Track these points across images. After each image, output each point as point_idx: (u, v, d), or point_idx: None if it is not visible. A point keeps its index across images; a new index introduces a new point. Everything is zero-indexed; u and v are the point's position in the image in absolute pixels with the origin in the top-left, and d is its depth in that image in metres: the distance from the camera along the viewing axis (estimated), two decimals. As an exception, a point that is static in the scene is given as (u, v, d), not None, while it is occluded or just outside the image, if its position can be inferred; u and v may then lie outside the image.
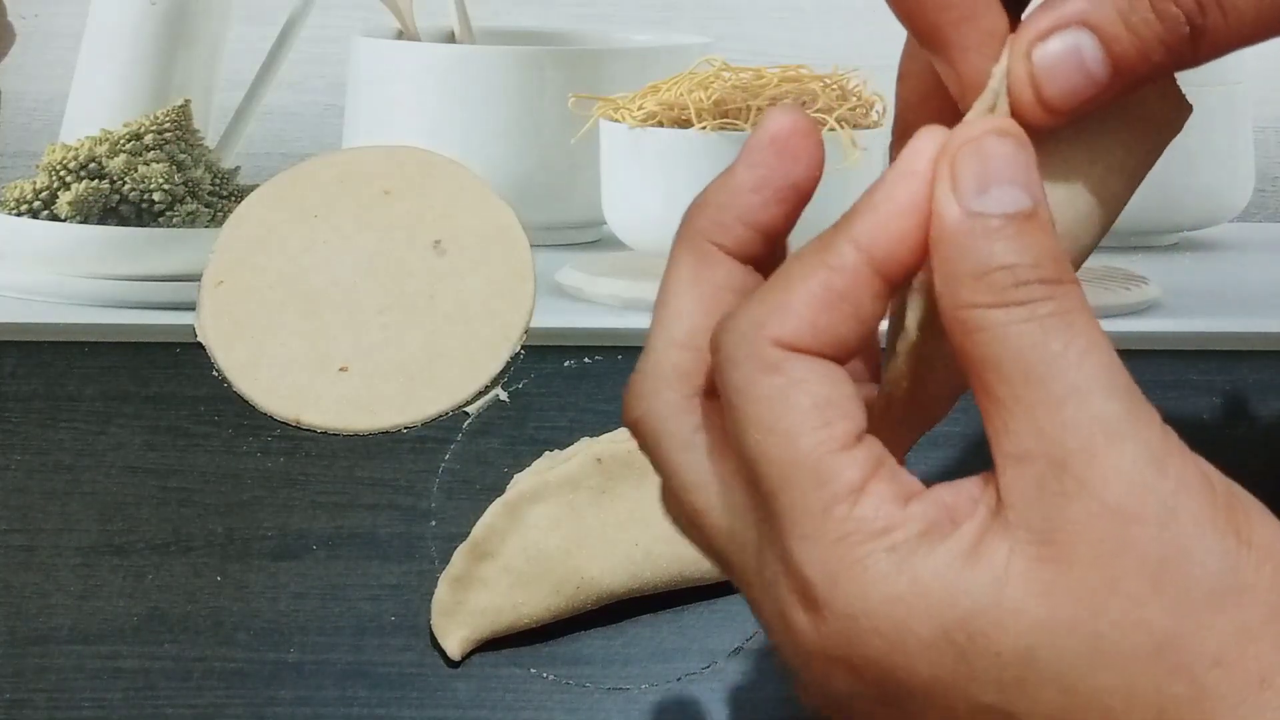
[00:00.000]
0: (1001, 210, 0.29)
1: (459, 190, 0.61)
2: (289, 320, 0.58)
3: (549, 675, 0.49)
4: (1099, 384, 0.28)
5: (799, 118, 0.32)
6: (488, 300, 0.59)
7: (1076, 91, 0.30)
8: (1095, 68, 0.30)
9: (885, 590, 0.28)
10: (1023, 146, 0.29)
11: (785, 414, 0.28)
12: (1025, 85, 0.30)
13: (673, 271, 0.32)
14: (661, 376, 0.31)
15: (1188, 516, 0.27)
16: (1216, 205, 0.64)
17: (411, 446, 0.55)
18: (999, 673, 0.27)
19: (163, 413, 0.56)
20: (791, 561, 0.28)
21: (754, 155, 0.32)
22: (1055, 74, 0.30)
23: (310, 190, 0.62)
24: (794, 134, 0.32)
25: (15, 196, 0.63)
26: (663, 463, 0.31)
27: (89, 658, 0.49)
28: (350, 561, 0.52)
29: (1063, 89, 0.30)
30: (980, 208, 0.29)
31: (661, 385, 0.31)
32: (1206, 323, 0.59)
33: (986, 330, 0.28)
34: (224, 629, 0.50)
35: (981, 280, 0.28)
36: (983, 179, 0.29)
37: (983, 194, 0.29)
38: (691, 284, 0.31)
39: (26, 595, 0.51)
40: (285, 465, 0.55)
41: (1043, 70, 0.30)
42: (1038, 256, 0.28)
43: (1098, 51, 0.30)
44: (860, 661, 0.28)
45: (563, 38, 0.70)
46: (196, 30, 0.68)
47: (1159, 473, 0.28)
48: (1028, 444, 0.28)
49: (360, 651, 0.50)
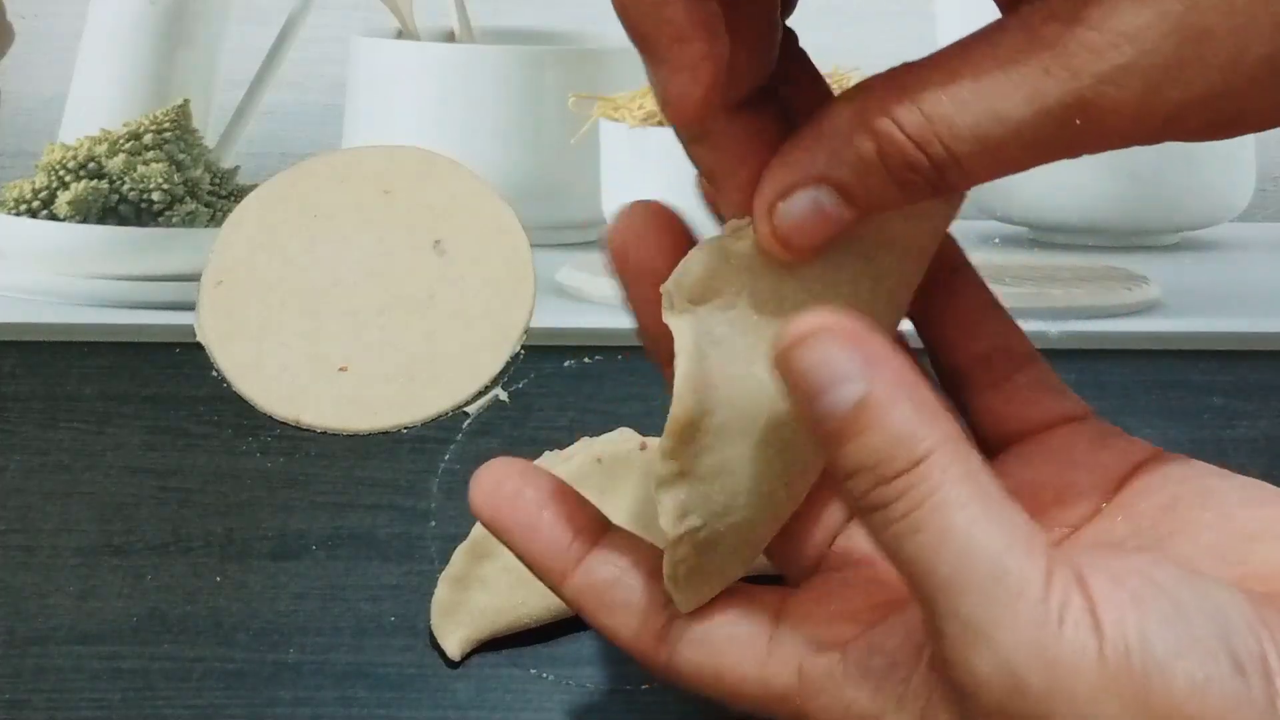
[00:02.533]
0: (837, 414, 0.28)
1: (459, 190, 0.61)
2: (289, 320, 0.58)
3: (549, 675, 0.49)
4: (961, 578, 0.28)
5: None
6: (488, 300, 0.59)
7: (822, 234, 0.30)
8: (836, 212, 0.30)
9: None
10: (834, 335, 0.29)
11: None
12: (771, 241, 0.30)
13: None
14: None
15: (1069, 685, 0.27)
16: (1217, 205, 0.64)
17: (411, 446, 0.55)
18: None
19: (162, 413, 0.56)
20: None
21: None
22: (798, 227, 0.30)
23: (310, 190, 0.61)
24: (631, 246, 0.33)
25: (14, 196, 0.63)
26: None
27: (88, 658, 0.49)
28: (350, 562, 0.52)
29: (809, 237, 0.30)
30: (824, 415, 0.29)
31: None
32: (1207, 323, 0.59)
33: (873, 532, 0.29)
34: (223, 629, 0.50)
35: (850, 488, 0.29)
36: (813, 386, 0.29)
37: (818, 402, 0.29)
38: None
39: (25, 595, 0.51)
40: (285, 465, 0.55)
41: (784, 226, 0.30)
42: (879, 451, 0.28)
43: (838, 203, 0.30)
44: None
45: (563, 38, 0.70)
46: (196, 30, 0.68)
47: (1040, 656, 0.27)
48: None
49: (360, 652, 0.49)
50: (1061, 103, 0.27)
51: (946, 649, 0.28)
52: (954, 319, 0.36)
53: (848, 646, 0.31)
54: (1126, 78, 0.27)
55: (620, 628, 0.33)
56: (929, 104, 0.28)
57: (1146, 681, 0.26)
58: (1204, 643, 0.27)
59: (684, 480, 0.31)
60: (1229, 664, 0.26)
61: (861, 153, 0.29)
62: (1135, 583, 0.28)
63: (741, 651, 0.32)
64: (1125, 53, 0.27)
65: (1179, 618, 0.27)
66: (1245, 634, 0.27)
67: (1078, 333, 0.58)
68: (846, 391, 0.28)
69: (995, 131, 0.28)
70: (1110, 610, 0.27)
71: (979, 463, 0.29)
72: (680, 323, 0.30)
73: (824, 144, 0.29)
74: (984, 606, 0.27)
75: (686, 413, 0.30)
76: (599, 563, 0.33)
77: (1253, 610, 0.28)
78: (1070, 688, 0.26)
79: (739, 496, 0.31)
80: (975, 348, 0.36)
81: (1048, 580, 0.27)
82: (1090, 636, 0.27)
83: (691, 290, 0.30)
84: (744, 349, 0.30)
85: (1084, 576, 0.28)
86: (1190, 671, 0.26)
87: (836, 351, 0.28)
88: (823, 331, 0.29)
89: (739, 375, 0.30)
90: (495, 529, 0.34)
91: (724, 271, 0.30)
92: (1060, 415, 0.35)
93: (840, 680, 0.30)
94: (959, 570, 0.27)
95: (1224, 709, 0.26)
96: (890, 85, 0.29)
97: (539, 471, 0.35)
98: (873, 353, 0.29)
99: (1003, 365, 0.35)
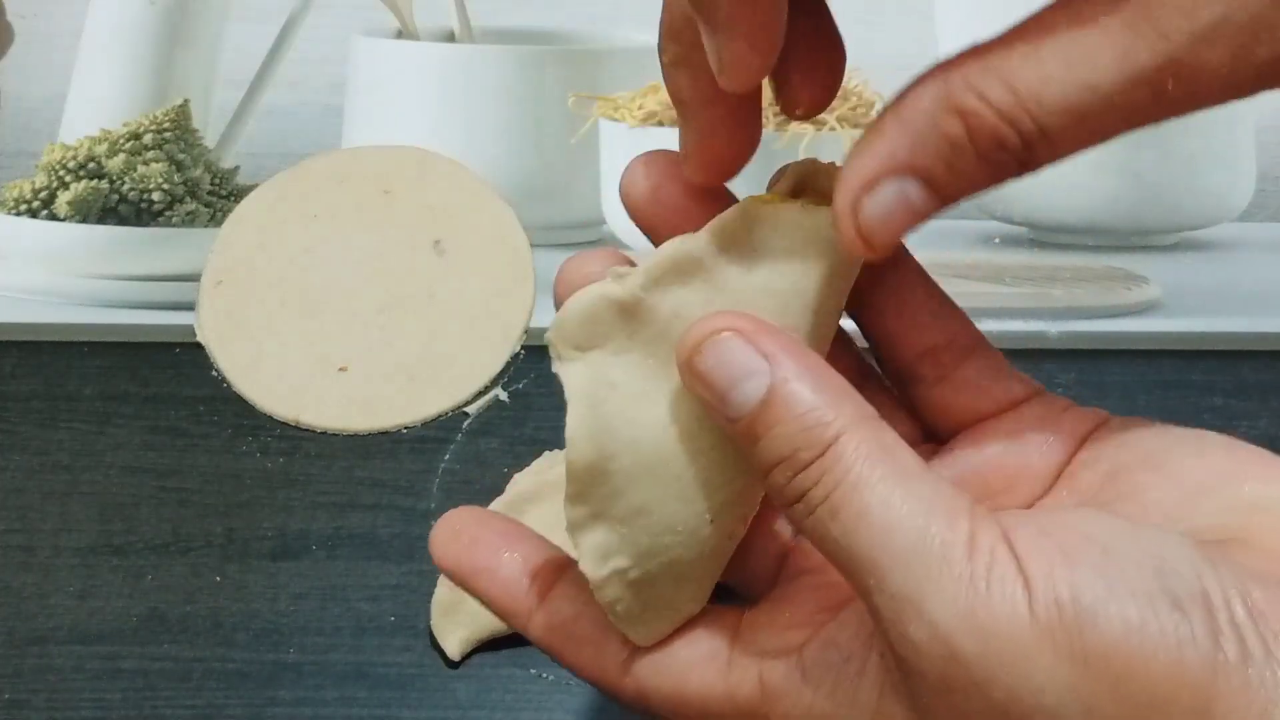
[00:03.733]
0: (746, 410, 0.29)
1: (459, 190, 0.61)
2: (289, 320, 0.58)
3: (549, 675, 0.49)
4: (886, 553, 0.28)
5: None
6: (488, 300, 0.58)
7: (906, 227, 0.29)
8: (922, 204, 0.29)
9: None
10: (731, 334, 0.29)
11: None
12: (855, 240, 0.29)
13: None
14: None
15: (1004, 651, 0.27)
16: (1217, 205, 0.64)
17: (411, 446, 0.55)
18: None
19: (162, 413, 0.56)
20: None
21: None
22: (884, 223, 0.29)
23: (310, 190, 0.61)
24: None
25: (14, 196, 0.63)
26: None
27: (88, 658, 0.49)
28: (350, 562, 0.52)
29: (894, 233, 0.29)
30: (734, 413, 0.29)
31: None
32: (1207, 323, 0.59)
33: (798, 524, 0.29)
34: (223, 629, 0.50)
35: (771, 484, 0.29)
36: (718, 387, 0.29)
37: (726, 401, 0.29)
38: None
39: (25, 595, 0.51)
40: (285, 465, 0.55)
41: (870, 222, 0.29)
42: (792, 439, 0.28)
43: (924, 193, 0.29)
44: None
45: (563, 38, 0.70)
46: (195, 30, 0.68)
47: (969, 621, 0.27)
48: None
49: (360, 652, 0.49)
50: (1154, 64, 0.26)
51: (884, 627, 0.28)
52: (896, 313, 0.35)
53: (803, 648, 0.31)
54: (1218, 35, 0.26)
55: (586, 663, 0.33)
56: (1016, 78, 0.27)
57: (1080, 632, 0.26)
58: (1139, 586, 0.26)
59: (599, 522, 0.31)
60: (1167, 604, 0.26)
61: (950, 135, 0.28)
62: (1063, 535, 0.27)
63: (703, 671, 0.32)
64: (1215, 9, 0.26)
65: (1110, 565, 0.26)
66: (1184, 573, 0.26)
67: (1078, 333, 0.58)
68: (750, 387, 0.28)
69: (1085, 100, 0.27)
70: (1038, 566, 0.27)
71: (893, 438, 0.29)
72: (569, 370, 0.30)
73: (907, 129, 0.28)
74: (910, 579, 0.27)
75: (582, 458, 0.30)
76: (560, 600, 0.33)
77: (1193, 549, 0.27)
78: (1003, 649, 0.26)
79: (663, 536, 0.31)
80: (920, 341, 0.35)
81: (971, 544, 0.27)
82: (1019, 594, 0.26)
83: (574, 339, 0.30)
84: (643, 392, 0.30)
85: (1010, 535, 0.27)
86: (1125, 616, 0.26)
87: (735, 349, 0.29)
88: (720, 332, 0.29)
89: (641, 418, 0.30)
90: (456, 577, 0.34)
91: (607, 317, 0.30)
92: (1010, 400, 0.34)
93: (799, 682, 0.30)
94: (881, 546, 0.27)
95: (1163, 648, 0.26)
96: (973, 62, 0.28)
97: (495, 516, 0.35)
98: (772, 345, 0.29)
99: (951, 356, 0.34)
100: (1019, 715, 0.26)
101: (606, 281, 0.30)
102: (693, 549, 0.31)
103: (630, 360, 0.30)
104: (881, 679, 0.29)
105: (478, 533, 0.34)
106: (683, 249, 0.30)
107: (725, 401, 0.29)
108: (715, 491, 0.31)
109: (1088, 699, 0.26)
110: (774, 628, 0.32)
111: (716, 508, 0.31)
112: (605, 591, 0.31)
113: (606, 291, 0.30)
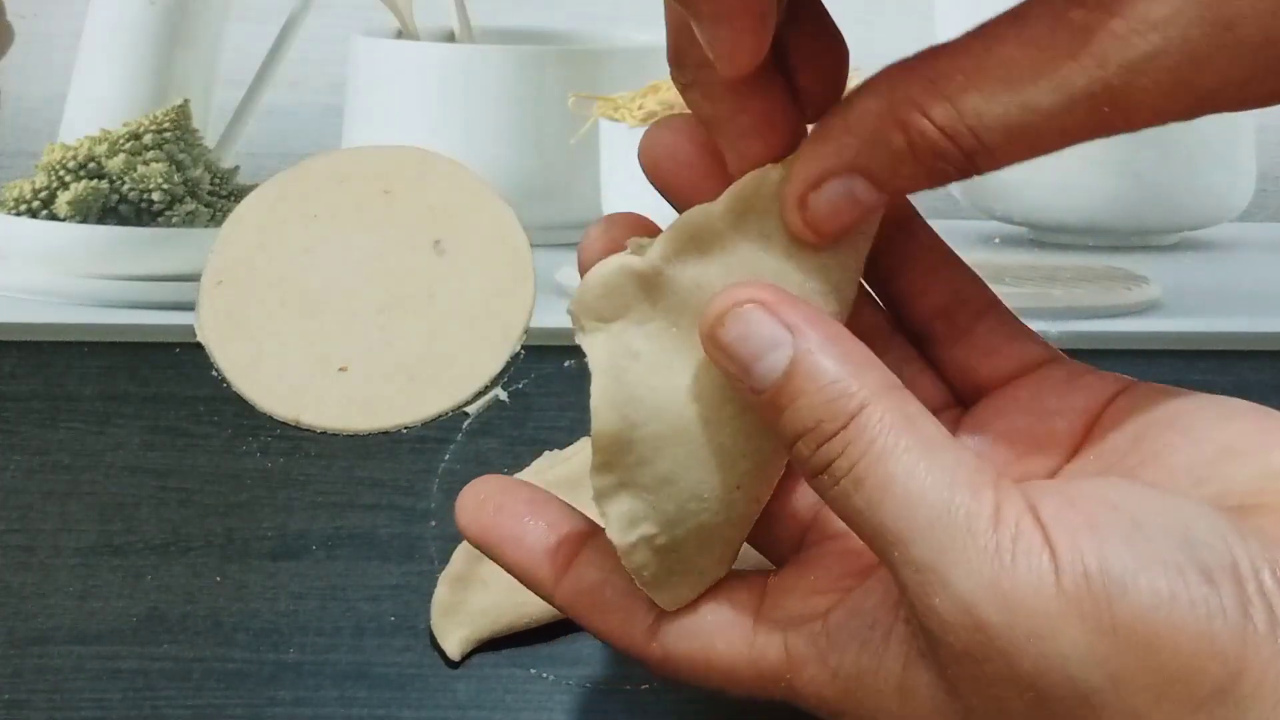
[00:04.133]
0: (770, 381, 0.29)
1: (459, 190, 0.61)
2: (289, 320, 0.58)
3: (549, 675, 0.49)
4: (911, 526, 0.28)
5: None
6: (488, 300, 0.59)
7: (853, 218, 0.30)
8: (868, 198, 0.30)
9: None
10: (754, 306, 0.29)
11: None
12: (802, 229, 0.30)
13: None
14: None
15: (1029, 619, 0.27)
16: (1217, 205, 0.64)
17: (411, 446, 0.55)
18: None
19: (162, 413, 0.56)
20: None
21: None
22: (830, 215, 0.30)
23: (310, 190, 0.61)
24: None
25: (14, 196, 0.63)
26: None
27: (88, 658, 0.49)
28: (350, 562, 0.52)
29: (840, 223, 0.30)
30: (758, 385, 0.29)
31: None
32: (1207, 323, 0.59)
33: (824, 495, 0.29)
34: (223, 629, 0.50)
35: (796, 455, 0.29)
36: (742, 360, 0.29)
37: (750, 373, 0.29)
38: None
39: (25, 595, 0.51)
40: (285, 465, 0.55)
41: (817, 215, 0.30)
42: (816, 410, 0.28)
43: (869, 189, 0.30)
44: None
45: (563, 38, 0.70)
46: (195, 30, 0.68)
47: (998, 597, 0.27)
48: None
49: (360, 651, 0.49)
50: (1088, 91, 0.27)
51: (910, 597, 0.28)
52: (908, 274, 0.35)
53: (828, 614, 0.31)
54: (1153, 66, 0.27)
55: (612, 629, 0.33)
56: (957, 96, 0.28)
57: (1109, 603, 0.26)
58: (1168, 557, 0.26)
59: (625, 490, 0.31)
60: (1197, 574, 0.26)
61: (892, 146, 0.29)
62: (1090, 506, 0.27)
63: (729, 637, 0.32)
64: (1152, 40, 0.27)
65: (1139, 535, 0.27)
66: (1213, 543, 0.27)
67: (1078, 333, 0.58)
68: (774, 359, 0.29)
69: (1024, 119, 0.28)
70: (1064, 536, 0.27)
71: (917, 408, 0.29)
72: (592, 341, 0.31)
73: (853, 136, 0.30)
74: (935, 550, 0.27)
75: (607, 428, 0.30)
76: (585, 567, 0.33)
77: (1222, 519, 0.27)
78: (1029, 619, 0.26)
79: (689, 503, 0.31)
80: (934, 301, 0.35)
81: (996, 515, 0.27)
82: (1045, 565, 0.26)
83: (596, 311, 0.31)
84: (666, 361, 0.31)
85: (1036, 507, 0.27)
86: (1155, 587, 0.26)
87: (758, 321, 0.29)
88: (741, 304, 0.29)
89: (664, 387, 0.30)
90: (482, 545, 0.34)
91: (628, 288, 0.30)
92: (1029, 361, 0.35)
93: (824, 648, 0.30)
94: (906, 518, 0.27)
95: (1193, 619, 0.26)
96: (917, 76, 0.29)
97: (520, 484, 0.35)
98: (794, 316, 0.29)
99: (964, 316, 0.35)
100: (1046, 686, 0.26)
101: (626, 253, 0.30)
102: (719, 515, 0.31)
103: (653, 330, 0.30)
104: (907, 647, 0.29)
105: (503, 500, 0.34)
106: (701, 219, 0.30)
107: (749, 373, 0.29)
108: (740, 459, 0.31)
109: (1115, 670, 0.26)
110: (799, 593, 0.32)
111: (741, 474, 0.31)
112: (633, 558, 0.31)
113: (626, 263, 0.30)
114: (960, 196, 0.64)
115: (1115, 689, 0.26)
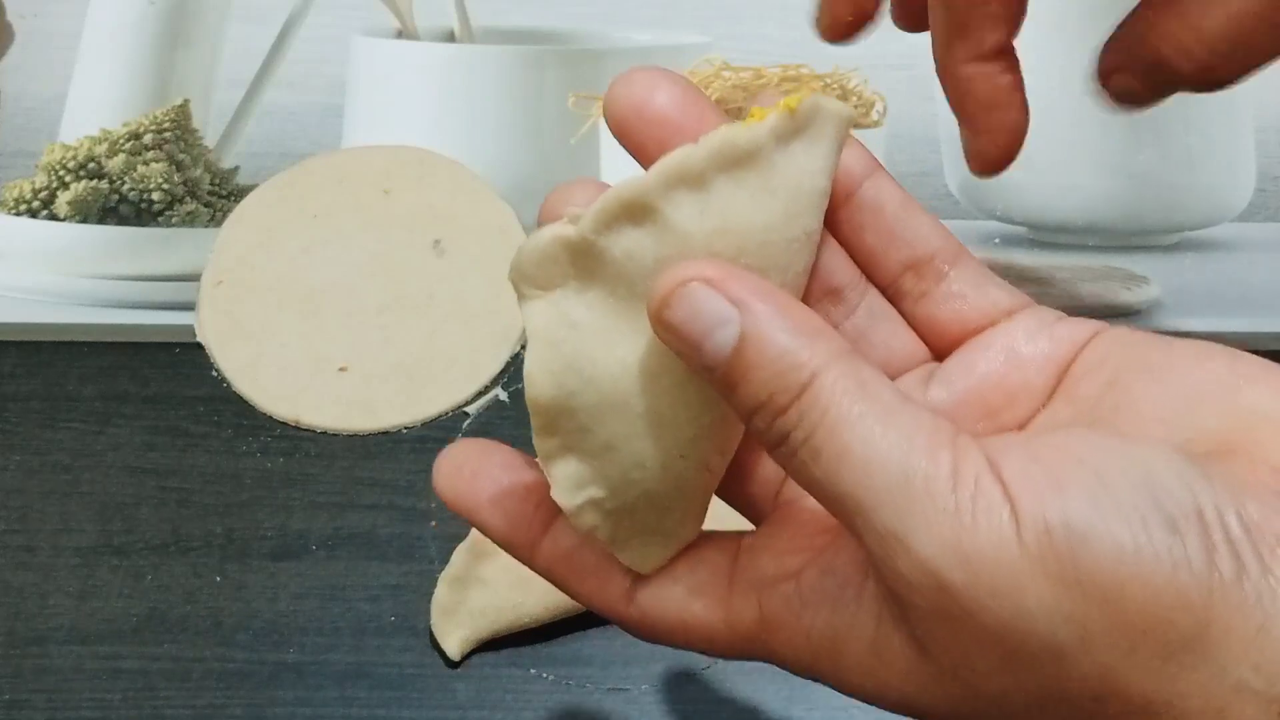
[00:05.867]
0: (721, 359, 0.28)
1: (459, 190, 0.61)
2: (288, 320, 0.58)
3: (549, 675, 0.49)
4: (873, 491, 0.27)
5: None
6: (488, 300, 0.59)
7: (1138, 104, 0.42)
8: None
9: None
10: (699, 283, 0.28)
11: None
12: (1108, 99, 0.43)
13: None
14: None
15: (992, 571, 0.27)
16: (1217, 205, 0.64)
17: (411, 446, 0.55)
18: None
19: (162, 413, 0.56)
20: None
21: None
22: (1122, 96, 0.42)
23: (310, 190, 0.61)
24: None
25: (14, 196, 0.63)
26: None
27: (88, 658, 0.49)
28: (350, 562, 0.52)
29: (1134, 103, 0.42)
30: (709, 362, 0.29)
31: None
32: (1207, 323, 0.59)
33: (784, 466, 0.29)
34: (223, 629, 0.50)
35: (753, 429, 0.29)
36: (691, 339, 0.29)
37: (700, 351, 0.29)
38: None
39: (25, 595, 0.51)
40: (285, 465, 0.55)
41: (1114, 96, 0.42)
42: (768, 384, 0.28)
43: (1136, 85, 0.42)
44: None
45: (563, 37, 0.70)
46: (195, 30, 0.68)
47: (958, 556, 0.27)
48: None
49: (360, 652, 0.49)
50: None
51: (875, 562, 0.28)
52: (872, 230, 0.34)
53: (801, 574, 0.31)
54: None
55: (590, 593, 0.33)
56: (1192, 17, 0.38)
57: (1073, 558, 0.26)
58: (1131, 508, 0.26)
59: (571, 454, 0.31)
60: (1161, 524, 0.26)
61: (1146, 60, 0.40)
62: (1052, 459, 0.27)
63: (705, 598, 0.32)
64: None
65: (1101, 487, 0.26)
66: (1177, 491, 0.26)
67: (1078, 333, 0.58)
68: (722, 336, 0.28)
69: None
70: (1026, 492, 0.26)
71: (870, 372, 0.28)
72: (531, 309, 0.31)
73: (1122, 46, 0.41)
74: (895, 515, 0.27)
75: (542, 395, 0.30)
76: (562, 531, 0.33)
77: (1188, 466, 0.27)
78: (992, 578, 0.26)
79: (632, 471, 0.31)
80: (899, 256, 0.34)
81: (954, 474, 0.27)
82: (1006, 522, 0.26)
83: (533, 279, 0.31)
84: (604, 332, 0.30)
85: (996, 463, 0.27)
86: (1118, 539, 0.26)
87: (704, 299, 0.28)
88: (687, 282, 0.28)
89: (603, 358, 0.30)
90: (460, 509, 0.34)
91: (562, 258, 0.30)
92: (1001, 310, 0.34)
93: (798, 609, 0.30)
94: (865, 484, 0.27)
95: (1158, 570, 0.25)
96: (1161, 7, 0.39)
97: (497, 447, 0.35)
98: (741, 291, 0.28)
99: (931, 270, 0.34)
100: (1014, 643, 0.26)
101: (562, 223, 0.30)
102: (665, 483, 0.31)
103: (592, 299, 0.30)
104: (879, 607, 0.29)
105: (480, 465, 0.34)
106: (632, 189, 0.30)
107: (700, 352, 0.29)
108: (684, 427, 0.31)
109: (1082, 624, 0.26)
110: (772, 552, 0.32)
111: (686, 443, 0.31)
112: (582, 519, 0.31)
113: (560, 233, 0.30)
114: (960, 196, 0.64)
115: (1083, 643, 0.26)
